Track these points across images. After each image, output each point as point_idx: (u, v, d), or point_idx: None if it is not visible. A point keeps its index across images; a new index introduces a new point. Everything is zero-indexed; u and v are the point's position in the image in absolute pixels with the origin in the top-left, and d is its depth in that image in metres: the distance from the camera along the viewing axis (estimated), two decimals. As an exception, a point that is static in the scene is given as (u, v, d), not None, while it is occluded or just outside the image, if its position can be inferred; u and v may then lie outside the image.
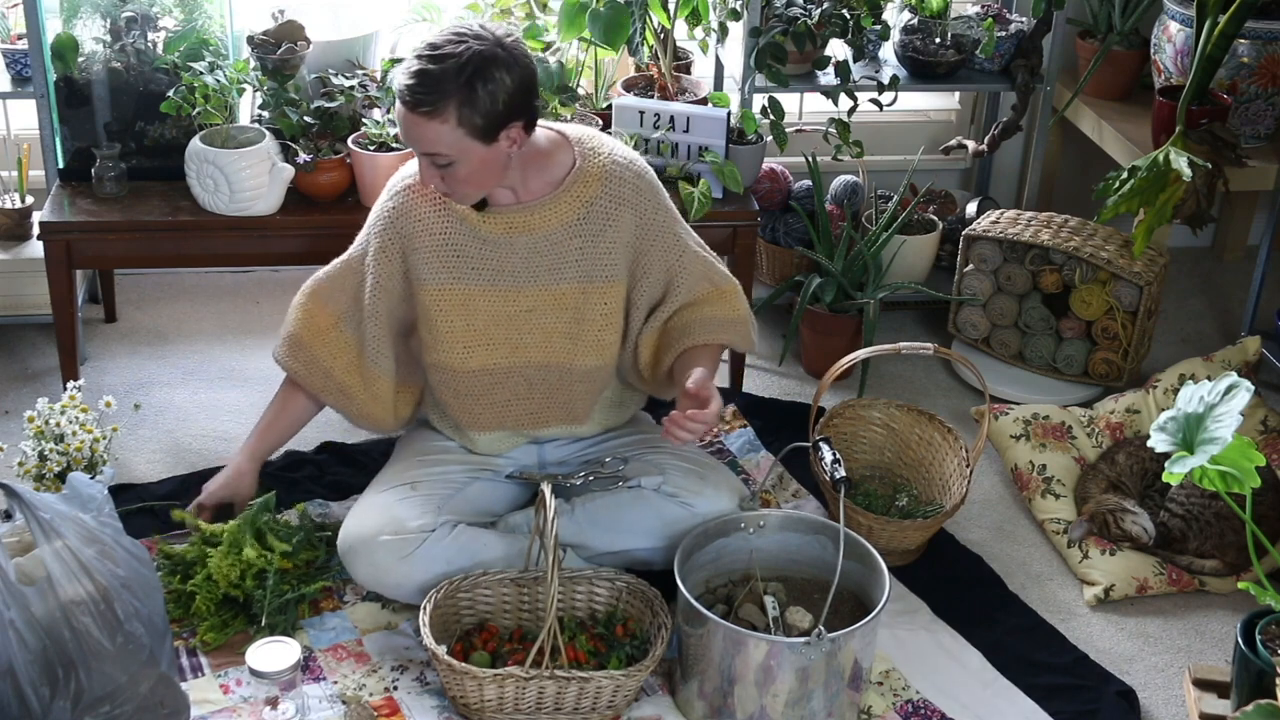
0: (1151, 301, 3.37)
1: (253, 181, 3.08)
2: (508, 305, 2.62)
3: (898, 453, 3.09)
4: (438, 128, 2.41)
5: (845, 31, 3.45)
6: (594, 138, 2.65)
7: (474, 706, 2.45)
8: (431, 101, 2.39)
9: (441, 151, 2.44)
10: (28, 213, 3.44)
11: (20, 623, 2.16)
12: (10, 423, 3.22)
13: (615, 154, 2.63)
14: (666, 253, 2.67)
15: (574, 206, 2.58)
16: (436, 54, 2.39)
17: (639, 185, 2.63)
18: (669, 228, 2.68)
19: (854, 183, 3.72)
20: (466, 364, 2.64)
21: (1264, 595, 2.29)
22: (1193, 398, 2.24)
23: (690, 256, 2.71)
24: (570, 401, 2.73)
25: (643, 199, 2.63)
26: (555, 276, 2.61)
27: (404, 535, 2.61)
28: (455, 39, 2.41)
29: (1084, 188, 3.80)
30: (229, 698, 2.52)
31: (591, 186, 2.59)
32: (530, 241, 2.58)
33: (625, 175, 2.62)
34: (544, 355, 2.66)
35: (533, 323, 2.63)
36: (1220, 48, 3.24)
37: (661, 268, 2.68)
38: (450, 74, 2.38)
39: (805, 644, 2.35)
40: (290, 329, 2.74)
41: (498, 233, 2.58)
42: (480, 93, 2.39)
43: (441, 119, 2.40)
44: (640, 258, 2.65)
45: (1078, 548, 2.93)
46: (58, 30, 3.23)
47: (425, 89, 2.39)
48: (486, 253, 2.59)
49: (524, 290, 2.61)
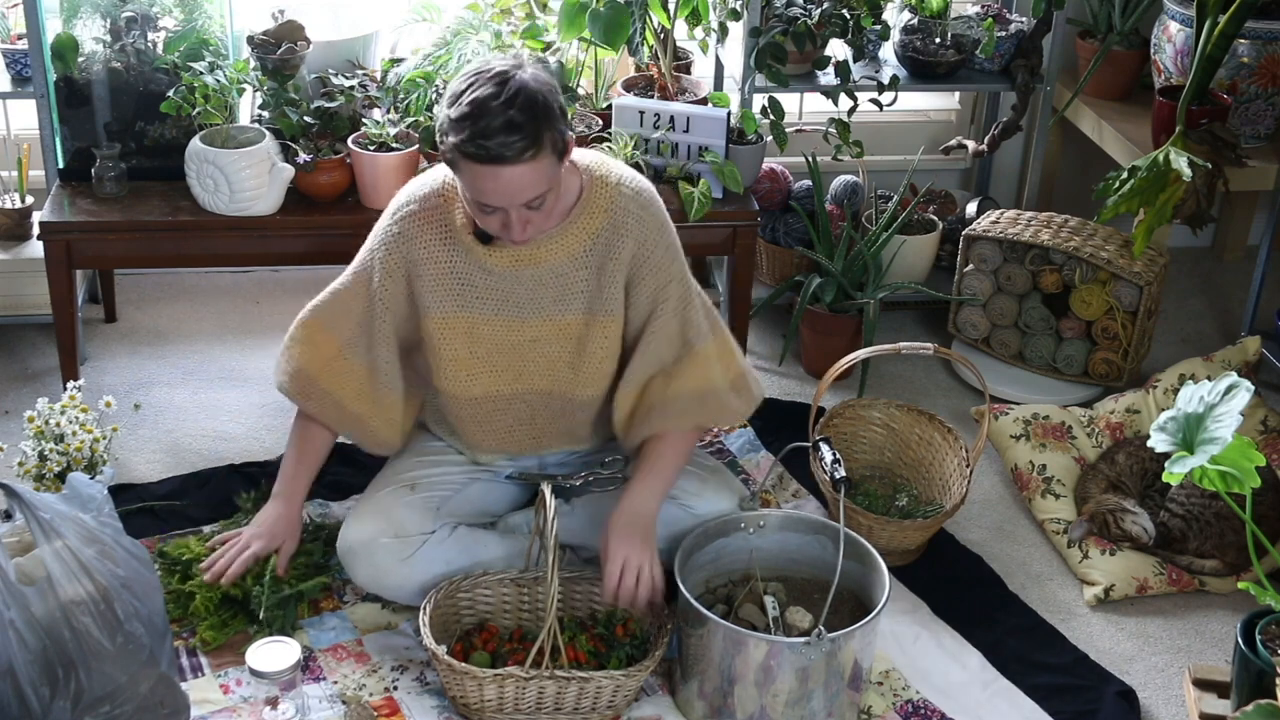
0: (1151, 301, 3.37)
1: (253, 181, 3.08)
2: (512, 334, 2.58)
3: (898, 453, 3.09)
4: (539, 167, 2.33)
5: (845, 31, 3.45)
6: (603, 164, 2.57)
7: (474, 706, 2.45)
8: (534, 144, 2.30)
9: (543, 189, 2.37)
10: (28, 213, 3.45)
11: (20, 623, 2.16)
12: (10, 423, 3.22)
13: (624, 183, 2.55)
14: (655, 291, 2.57)
15: (580, 239, 2.52)
16: (504, 99, 2.29)
17: (643, 216, 2.55)
18: (664, 266, 2.57)
19: (854, 183, 3.72)
20: (470, 391, 2.61)
21: (1264, 595, 2.29)
22: (1193, 398, 2.24)
23: (674, 305, 2.58)
24: (572, 427, 2.71)
25: (645, 230, 2.55)
26: (560, 308, 2.56)
27: (404, 538, 2.61)
28: (498, 79, 2.32)
29: (1084, 188, 3.80)
30: (229, 698, 2.52)
31: (598, 218, 2.52)
32: (536, 274, 2.53)
33: (630, 206, 2.54)
34: (547, 384, 2.62)
35: (537, 351, 2.59)
36: (1220, 48, 3.24)
37: (646, 304, 2.58)
38: (533, 110, 2.30)
39: (805, 644, 2.35)
40: (295, 364, 2.65)
41: (503, 266, 2.52)
42: (555, 113, 2.34)
43: (541, 156, 2.32)
44: (630, 288, 2.57)
45: (1078, 548, 2.93)
46: (58, 30, 3.23)
47: (524, 135, 2.29)
48: (491, 283, 2.54)
49: (528, 321, 2.56)
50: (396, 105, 3.24)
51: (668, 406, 2.60)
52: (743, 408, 2.71)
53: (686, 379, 2.60)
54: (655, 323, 2.58)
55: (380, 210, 2.65)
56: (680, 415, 2.61)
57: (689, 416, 2.62)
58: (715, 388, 2.63)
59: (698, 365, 2.61)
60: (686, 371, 2.61)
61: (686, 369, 2.61)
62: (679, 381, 2.60)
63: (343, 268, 2.68)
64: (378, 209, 2.94)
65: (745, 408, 2.72)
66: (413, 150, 3.15)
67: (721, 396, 2.64)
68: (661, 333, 2.59)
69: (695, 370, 2.61)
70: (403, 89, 3.25)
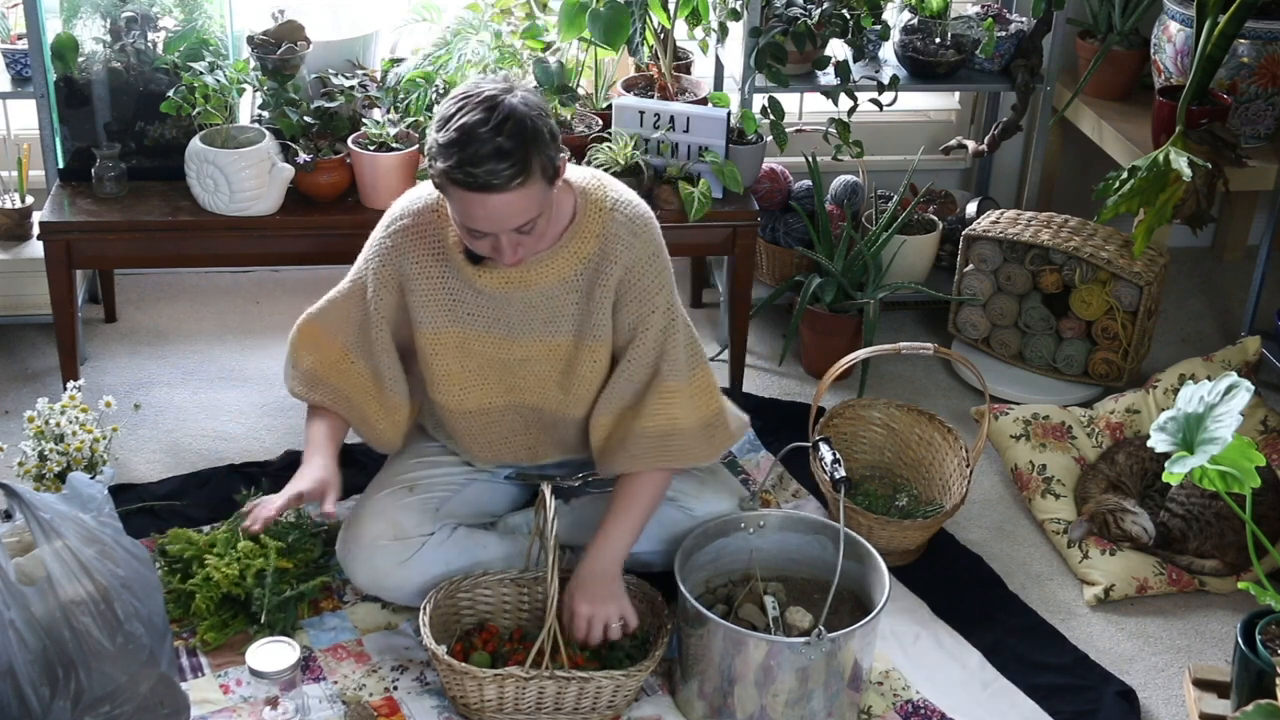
0: (1151, 301, 3.36)
1: (253, 181, 3.08)
2: (502, 352, 2.56)
3: (898, 453, 3.09)
4: (528, 193, 2.29)
5: (845, 31, 3.45)
6: (600, 187, 2.52)
7: (474, 706, 2.45)
8: (523, 170, 2.26)
9: (533, 214, 2.32)
10: (28, 213, 3.45)
11: (20, 623, 2.16)
12: (10, 423, 3.22)
13: (618, 207, 2.50)
14: (637, 320, 2.53)
15: (571, 263, 2.49)
16: (492, 125, 2.24)
17: (633, 242, 2.50)
18: (649, 294, 2.52)
19: (854, 183, 3.72)
20: (463, 404, 2.61)
21: (1264, 595, 2.29)
22: (1193, 398, 2.24)
23: (654, 335, 2.54)
24: (566, 439, 2.70)
25: (634, 255, 2.50)
26: (550, 330, 2.54)
27: (403, 539, 2.61)
28: (486, 104, 2.26)
29: (1084, 188, 3.80)
30: (229, 698, 2.52)
31: (589, 243, 2.49)
32: (525, 297, 2.50)
33: (622, 232, 2.49)
34: (538, 400, 2.61)
35: (527, 370, 2.58)
36: (1220, 48, 3.24)
37: (627, 330, 2.54)
38: (522, 136, 2.26)
39: (805, 644, 2.35)
40: (304, 365, 2.64)
41: (493, 287, 2.50)
42: (545, 137, 2.30)
43: (530, 183, 2.28)
44: (615, 312, 2.53)
45: (1078, 548, 2.93)
46: (58, 30, 3.23)
47: (513, 162, 2.25)
48: (482, 302, 2.52)
49: (518, 340, 2.54)
50: (396, 105, 3.24)
51: (630, 445, 2.57)
52: (711, 450, 2.65)
53: (650, 417, 2.56)
54: (633, 350, 2.55)
55: (380, 210, 2.65)
56: (644, 456, 2.57)
57: (652, 457, 2.57)
58: (680, 428, 2.58)
59: (662, 402, 2.56)
60: (651, 408, 2.56)
61: (651, 405, 2.56)
62: (643, 420, 2.56)
63: (343, 268, 2.68)
64: (377, 209, 2.94)
65: (714, 450, 2.66)
66: (413, 150, 3.14)
67: (686, 438, 2.59)
68: (638, 361, 2.56)
69: (659, 408, 2.56)
70: (403, 89, 3.25)
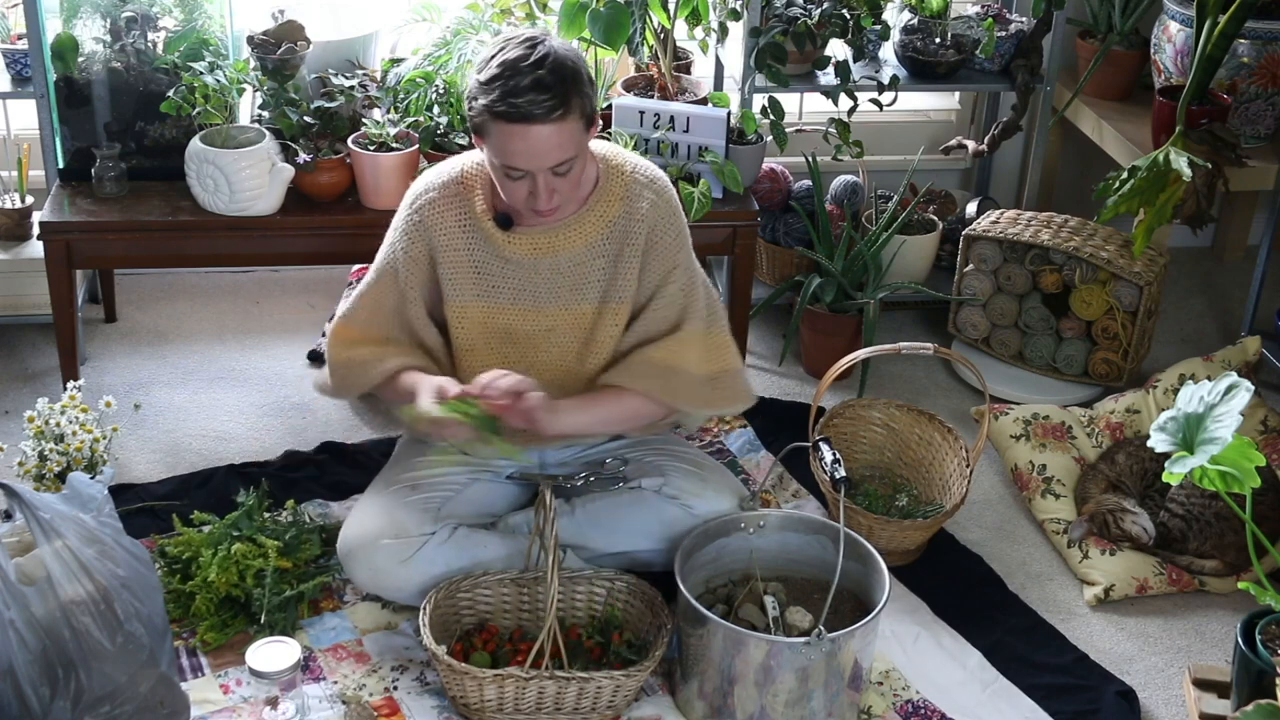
0: (1151, 301, 3.36)
1: (253, 181, 3.08)
2: (527, 324, 2.61)
3: (898, 453, 3.09)
4: (566, 127, 2.38)
5: (845, 31, 3.45)
6: (618, 154, 2.61)
7: (474, 706, 2.45)
8: (563, 103, 2.35)
9: (571, 153, 2.41)
10: (28, 213, 3.44)
11: (20, 623, 2.16)
12: (10, 423, 3.22)
13: (638, 171, 2.60)
14: (660, 276, 2.61)
15: (597, 227, 2.56)
16: (533, 60, 2.35)
17: (656, 202, 2.59)
18: (671, 252, 2.61)
19: (854, 183, 3.72)
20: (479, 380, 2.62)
21: (1264, 595, 2.29)
22: (1193, 398, 2.24)
23: (674, 291, 2.62)
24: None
25: (658, 215, 2.59)
26: (577, 297, 2.60)
27: (404, 538, 2.61)
28: (527, 43, 2.38)
29: (1084, 188, 3.80)
30: (229, 698, 2.52)
31: (614, 206, 2.57)
32: (554, 263, 2.57)
33: (645, 193, 2.58)
34: (554, 375, 2.63)
35: (550, 341, 2.62)
36: (1220, 48, 3.24)
37: (650, 288, 2.61)
38: (561, 73, 2.36)
39: (805, 644, 2.35)
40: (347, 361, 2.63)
41: (522, 254, 2.56)
42: (584, 79, 2.40)
43: (569, 118, 2.37)
44: (641, 271, 2.61)
45: (1078, 548, 2.93)
46: (58, 30, 3.23)
47: (553, 94, 2.34)
48: (509, 272, 2.57)
49: (544, 310, 2.60)
50: (396, 105, 3.25)
51: (632, 365, 2.61)
52: (707, 400, 2.68)
53: (660, 349, 2.61)
54: (654, 303, 2.61)
55: (380, 210, 2.65)
56: (640, 377, 2.61)
57: (647, 380, 2.61)
58: (685, 369, 2.63)
59: (678, 343, 2.62)
60: (664, 345, 2.62)
61: (666, 343, 2.62)
62: (652, 349, 2.62)
63: (343, 268, 2.68)
64: (378, 209, 2.95)
65: (710, 401, 2.69)
66: (413, 150, 3.15)
67: (687, 380, 2.63)
68: (657, 314, 2.62)
69: (674, 346, 2.62)
70: (403, 89, 3.25)
